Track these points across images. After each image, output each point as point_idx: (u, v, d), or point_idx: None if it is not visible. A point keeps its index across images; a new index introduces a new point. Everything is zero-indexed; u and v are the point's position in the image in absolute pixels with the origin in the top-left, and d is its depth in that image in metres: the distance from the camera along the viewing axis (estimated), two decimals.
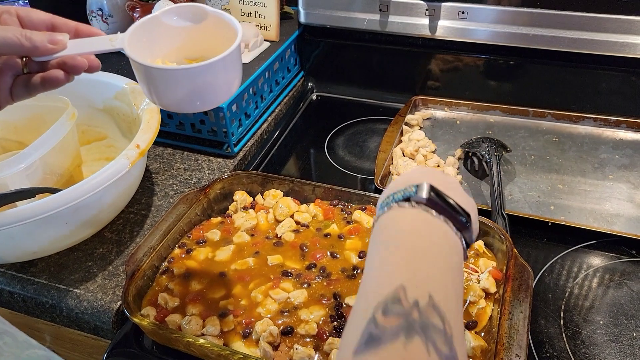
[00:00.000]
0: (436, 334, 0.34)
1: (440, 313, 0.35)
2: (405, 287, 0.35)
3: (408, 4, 1.04)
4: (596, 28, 0.95)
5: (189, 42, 0.58)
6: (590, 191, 0.89)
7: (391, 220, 0.42)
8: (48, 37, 0.50)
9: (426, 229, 0.41)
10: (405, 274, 0.37)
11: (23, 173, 0.76)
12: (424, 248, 0.40)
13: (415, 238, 0.40)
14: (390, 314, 0.34)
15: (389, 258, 0.39)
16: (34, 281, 0.75)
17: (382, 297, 0.35)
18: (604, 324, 0.68)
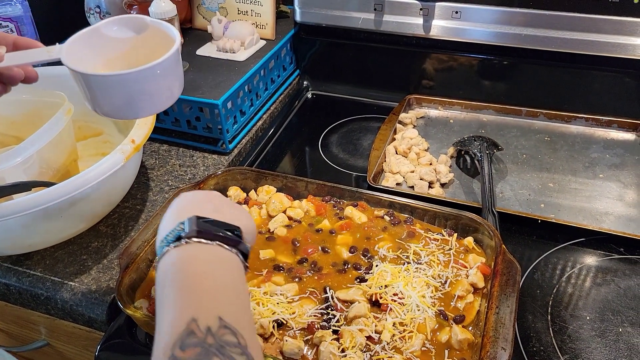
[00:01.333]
0: (232, 349, 0.38)
1: (232, 330, 0.39)
2: (196, 319, 0.39)
3: (402, 4, 1.05)
4: (588, 29, 0.96)
5: (131, 52, 0.58)
6: (581, 190, 0.90)
7: (169, 264, 0.45)
8: None
9: (203, 259, 0.44)
10: (193, 307, 0.40)
11: (20, 167, 0.77)
12: (204, 277, 0.43)
13: (194, 271, 0.43)
14: (188, 347, 0.37)
15: (175, 299, 0.41)
16: (29, 273, 0.76)
17: (177, 335, 0.38)
18: (590, 320, 0.69)
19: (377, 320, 0.62)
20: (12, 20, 0.98)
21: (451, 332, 0.62)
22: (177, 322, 0.39)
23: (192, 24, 1.23)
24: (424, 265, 0.69)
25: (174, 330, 0.39)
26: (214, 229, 0.46)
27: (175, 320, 0.39)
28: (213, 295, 0.41)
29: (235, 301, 0.43)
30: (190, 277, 0.43)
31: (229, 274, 0.45)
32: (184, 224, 0.46)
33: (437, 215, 0.76)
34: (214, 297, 0.41)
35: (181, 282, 0.42)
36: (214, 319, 0.39)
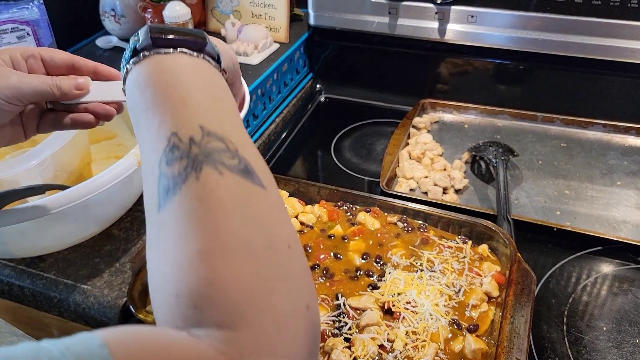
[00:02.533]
0: (220, 155, 0.35)
1: (217, 136, 0.36)
2: (176, 132, 0.36)
3: (417, 7, 1.04)
4: (607, 33, 0.95)
5: None
6: (598, 197, 0.88)
7: (134, 83, 0.41)
8: (74, 83, 0.53)
9: (168, 70, 0.40)
10: (170, 122, 0.37)
11: (35, 170, 0.77)
12: (173, 86, 0.39)
13: (163, 83, 0.39)
14: (174, 162, 0.35)
15: (149, 118, 0.39)
16: (42, 276, 0.76)
17: (159, 151, 0.36)
18: (607, 330, 0.68)
19: (390, 328, 0.62)
20: (28, 24, 0.99)
21: (465, 342, 0.61)
22: (157, 142, 0.37)
23: (205, 27, 1.23)
24: (438, 273, 0.69)
25: (157, 147, 0.37)
26: (172, 35, 0.41)
27: (154, 140, 0.37)
28: (189, 105, 0.38)
29: (215, 106, 0.39)
30: (160, 91, 0.39)
31: (200, 79, 0.40)
32: (137, 36, 0.42)
33: (452, 222, 0.76)
34: (190, 106, 0.38)
35: (151, 98, 0.39)
36: (196, 128, 0.36)
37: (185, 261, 0.32)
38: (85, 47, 1.19)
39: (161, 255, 0.34)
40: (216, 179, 0.34)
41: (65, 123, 0.55)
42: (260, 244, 0.33)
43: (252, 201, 0.35)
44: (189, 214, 0.34)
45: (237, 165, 0.36)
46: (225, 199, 0.34)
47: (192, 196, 0.34)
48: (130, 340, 0.28)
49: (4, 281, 0.77)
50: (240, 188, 0.35)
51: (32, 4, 0.99)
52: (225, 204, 0.34)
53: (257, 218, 0.34)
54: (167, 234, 0.34)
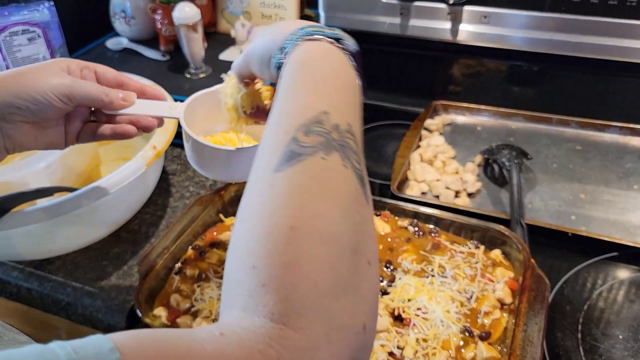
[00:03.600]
0: (351, 153, 0.37)
1: (355, 139, 0.38)
2: (328, 113, 0.38)
3: (429, 8, 1.03)
4: (622, 34, 0.92)
5: None
6: (614, 201, 0.86)
7: (306, 54, 0.43)
8: (122, 95, 0.57)
9: (332, 59, 0.43)
10: (327, 102, 0.39)
11: (43, 172, 0.77)
12: (336, 76, 0.41)
13: (324, 68, 0.42)
14: (312, 134, 0.36)
15: (308, 87, 0.40)
16: (50, 278, 0.76)
17: (304, 119, 0.37)
18: (623, 339, 0.66)
19: (400, 335, 0.61)
20: (39, 26, 0.99)
21: (476, 350, 0.59)
22: (308, 108, 0.38)
23: (215, 28, 1.23)
24: (449, 279, 0.67)
25: (303, 113, 0.38)
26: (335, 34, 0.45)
27: (306, 104, 0.38)
28: (347, 100, 0.40)
29: (358, 112, 0.41)
30: (323, 73, 0.41)
31: (353, 82, 0.43)
32: (305, 25, 0.45)
33: (464, 226, 0.74)
34: (347, 103, 0.40)
35: (314, 74, 0.41)
36: (344, 121, 0.38)
37: (276, 231, 0.32)
38: (96, 48, 1.19)
39: (256, 213, 0.34)
40: (339, 169, 0.35)
41: (106, 133, 0.58)
42: (348, 246, 0.33)
43: (357, 206, 0.35)
44: (300, 187, 0.34)
45: (359, 170, 0.37)
46: (338, 191, 0.35)
47: (311, 171, 0.35)
48: (147, 345, 0.27)
49: (12, 283, 0.77)
50: (354, 189, 0.36)
51: (42, 6, 0.99)
52: (336, 195, 0.34)
53: (354, 222, 0.34)
54: (271, 196, 0.34)
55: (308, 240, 0.32)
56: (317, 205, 0.34)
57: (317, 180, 0.34)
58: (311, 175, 0.35)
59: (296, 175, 0.35)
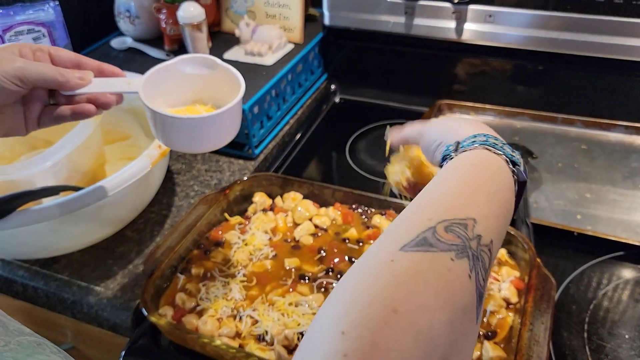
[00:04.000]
0: (481, 267, 0.36)
1: (490, 257, 0.37)
2: (476, 221, 0.37)
3: (434, 7, 1.03)
4: (628, 33, 0.92)
5: (199, 88, 0.64)
6: (620, 201, 0.86)
7: (479, 159, 0.44)
8: (78, 74, 0.56)
9: (501, 177, 0.43)
10: (477, 210, 0.38)
11: (49, 171, 0.77)
12: (493, 186, 0.41)
13: (487, 176, 0.42)
14: (452, 233, 0.36)
15: (463, 186, 0.41)
16: (56, 277, 0.76)
17: (451, 216, 0.37)
18: (629, 338, 0.66)
19: None
20: (44, 25, 0.99)
21: (482, 349, 0.59)
22: (457, 207, 0.38)
23: (220, 28, 1.23)
24: None
25: (452, 210, 0.38)
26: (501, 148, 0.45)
27: (460, 204, 0.38)
28: (498, 220, 0.40)
29: (500, 240, 0.41)
30: (488, 185, 0.41)
31: (510, 200, 0.43)
32: (481, 134, 0.46)
33: None
34: (498, 223, 0.40)
35: (478, 182, 0.41)
36: (488, 237, 0.37)
37: (377, 307, 0.31)
38: (100, 48, 1.20)
39: (365, 281, 0.33)
40: (463, 276, 0.34)
41: (65, 114, 0.58)
42: (440, 352, 0.32)
43: (464, 320, 0.34)
44: (418, 275, 0.33)
45: (481, 288, 0.36)
46: (452, 296, 0.33)
47: (435, 266, 0.34)
48: None
49: (18, 282, 0.77)
50: (468, 302, 0.34)
51: (47, 6, 1.00)
52: (449, 299, 0.33)
53: (454, 332, 0.33)
54: (387, 271, 0.33)
55: (405, 329, 0.31)
56: (428, 300, 0.32)
57: (438, 277, 0.33)
58: (434, 270, 0.34)
59: (419, 262, 0.34)
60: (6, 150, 0.90)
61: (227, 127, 0.60)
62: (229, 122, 0.59)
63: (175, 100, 0.63)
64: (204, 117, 0.57)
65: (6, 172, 0.76)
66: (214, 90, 0.63)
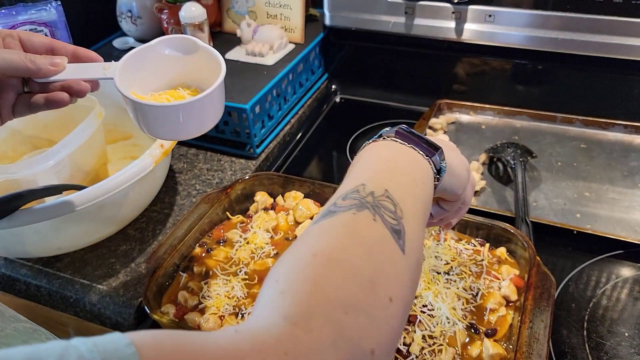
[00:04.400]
0: (385, 211, 0.40)
1: (393, 201, 0.42)
2: (365, 184, 0.42)
3: (434, 7, 1.03)
4: (627, 32, 0.93)
5: (181, 70, 0.61)
6: (619, 199, 0.86)
7: (365, 150, 0.49)
8: (49, 60, 0.53)
9: (392, 150, 0.48)
10: (366, 177, 0.44)
11: (52, 170, 0.78)
12: (386, 161, 0.47)
13: (380, 155, 0.47)
14: (348, 199, 0.41)
15: (355, 172, 0.46)
16: (59, 276, 0.77)
17: (345, 190, 0.43)
18: (629, 336, 0.66)
19: (406, 332, 0.61)
20: (47, 25, 1.00)
21: (482, 347, 0.60)
22: (349, 185, 0.43)
23: (221, 28, 1.23)
24: (455, 277, 0.68)
25: (344, 189, 0.43)
26: (413, 137, 0.49)
27: (348, 184, 0.43)
28: (389, 174, 0.45)
29: (410, 189, 0.45)
30: (374, 159, 0.47)
31: (412, 167, 0.47)
32: (386, 130, 0.50)
33: (469, 224, 0.74)
34: (389, 175, 0.45)
35: (364, 161, 0.47)
36: (381, 188, 0.42)
37: (300, 257, 0.37)
38: (103, 47, 1.20)
39: (289, 251, 0.39)
40: (367, 220, 0.39)
41: (39, 103, 0.56)
42: (367, 276, 0.36)
43: (383, 250, 0.38)
44: (328, 230, 0.39)
45: (393, 223, 0.40)
46: (362, 235, 0.38)
47: (341, 221, 0.39)
48: (163, 339, 0.28)
49: (21, 280, 0.78)
50: (381, 236, 0.39)
51: (50, 6, 1.00)
52: (360, 236, 0.38)
53: (379, 261, 0.37)
54: (303, 238, 0.39)
55: (327, 264, 0.36)
56: (340, 242, 0.38)
57: (345, 226, 0.39)
58: (340, 223, 0.39)
59: (327, 223, 0.39)
60: (9, 149, 0.90)
61: (209, 112, 0.57)
62: (210, 107, 0.57)
63: (158, 84, 0.61)
64: (183, 104, 0.54)
65: (9, 171, 0.76)
66: (196, 72, 0.60)
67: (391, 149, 0.48)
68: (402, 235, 0.40)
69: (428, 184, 0.47)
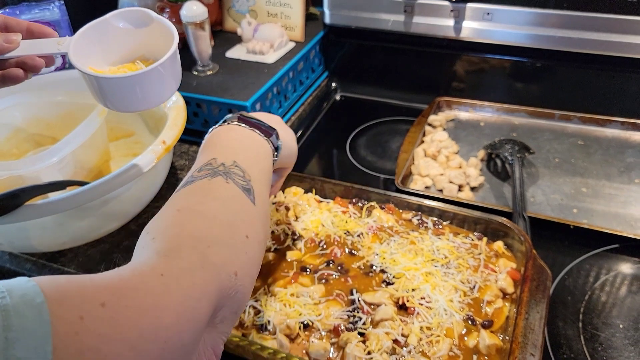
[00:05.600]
0: (236, 176, 0.49)
1: (241, 168, 0.50)
2: (215, 158, 0.50)
3: (433, 5, 1.04)
4: (625, 30, 0.94)
5: (138, 43, 0.61)
6: (615, 195, 0.87)
7: (210, 134, 0.56)
8: (3, 37, 0.54)
9: (237, 132, 0.56)
10: (216, 153, 0.51)
11: (55, 167, 0.79)
12: (233, 140, 0.54)
13: (227, 137, 0.55)
14: (202, 170, 0.49)
15: (205, 152, 0.53)
16: (63, 270, 0.78)
17: (199, 165, 0.50)
18: (623, 328, 0.67)
19: (404, 323, 0.62)
20: (50, 24, 1.01)
21: (479, 338, 0.61)
22: (203, 160, 0.50)
23: (222, 27, 1.25)
24: (453, 270, 0.69)
25: (198, 164, 0.50)
26: (253, 121, 0.57)
27: (201, 161, 0.51)
28: (236, 150, 0.53)
29: (251, 156, 0.53)
30: (222, 140, 0.54)
31: (251, 143, 0.55)
32: (229, 116, 0.58)
33: (467, 219, 0.76)
34: (236, 151, 0.52)
35: (213, 142, 0.54)
36: (230, 160, 0.50)
37: (167, 215, 0.44)
38: None
39: (158, 213, 0.46)
40: (221, 183, 0.48)
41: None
42: (224, 221, 0.44)
43: (237, 203, 0.47)
44: (187, 193, 0.47)
45: (243, 184, 0.49)
46: (217, 194, 0.47)
47: (197, 186, 0.47)
48: (59, 277, 0.33)
49: (26, 275, 0.79)
50: (234, 193, 0.48)
51: (53, 5, 1.01)
52: (216, 194, 0.47)
53: (234, 210, 0.46)
54: (168, 202, 0.46)
55: (189, 215, 0.44)
56: (199, 199, 0.46)
57: (201, 189, 0.47)
58: (198, 187, 0.47)
59: (186, 189, 0.47)
60: (13, 147, 0.92)
61: (167, 80, 0.58)
62: (166, 76, 0.57)
63: (115, 57, 0.60)
64: (137, 74, 0.55)
65: (14, 168, 0.78)
66: (153, 45, 0.59)
67: (236, 131, 0.56)
68: (251, 192, 0.49)
69: (269, 158, 0.56)
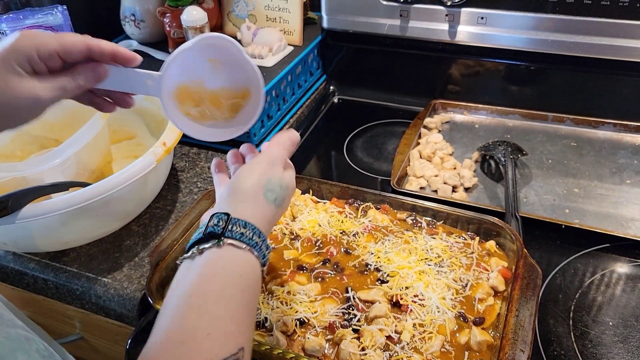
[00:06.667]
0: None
1: None
2: (244, 349, 0.45)
3: (428, 10, 1.06)
4: (616, 34, 0.95)
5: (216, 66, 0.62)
6: (607, 195, 0.89)
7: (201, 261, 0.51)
8: (92, 75, 0.56)
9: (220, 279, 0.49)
10: (241, 339, 0.45)
11: (58, 168, 0.81)
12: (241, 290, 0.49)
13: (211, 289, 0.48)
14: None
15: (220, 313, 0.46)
16: (65, 269, 0.79)
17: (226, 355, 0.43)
18: (613, 325, 0.69)
19: (397, 320, 0.64)
20: (53, 29, 1.03)
21: (470, 334, 0.62)
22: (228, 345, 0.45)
23: (222, 31, 1.26)
24: (446, 268, 0.70)
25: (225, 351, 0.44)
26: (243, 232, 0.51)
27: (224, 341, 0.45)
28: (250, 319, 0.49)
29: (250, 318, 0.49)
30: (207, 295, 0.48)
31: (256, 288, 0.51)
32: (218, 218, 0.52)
33: (460, 218, 0.77)
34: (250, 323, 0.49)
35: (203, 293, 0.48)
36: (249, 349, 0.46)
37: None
38: None
39: None
40: None
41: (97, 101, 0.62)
42: None
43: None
44: None
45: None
46: None
47: None
48: None
49: (29, 274, 0.81)
50: None
51: (56, 10, 1.03)
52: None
53: None
54: None
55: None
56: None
57: None
58: None
59: None
60: (17, 148, 0.93)
61: None
62: None
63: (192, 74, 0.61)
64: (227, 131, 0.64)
65: (18, 169, 0.80)
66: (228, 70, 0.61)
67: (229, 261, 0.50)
68: None
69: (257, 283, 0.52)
